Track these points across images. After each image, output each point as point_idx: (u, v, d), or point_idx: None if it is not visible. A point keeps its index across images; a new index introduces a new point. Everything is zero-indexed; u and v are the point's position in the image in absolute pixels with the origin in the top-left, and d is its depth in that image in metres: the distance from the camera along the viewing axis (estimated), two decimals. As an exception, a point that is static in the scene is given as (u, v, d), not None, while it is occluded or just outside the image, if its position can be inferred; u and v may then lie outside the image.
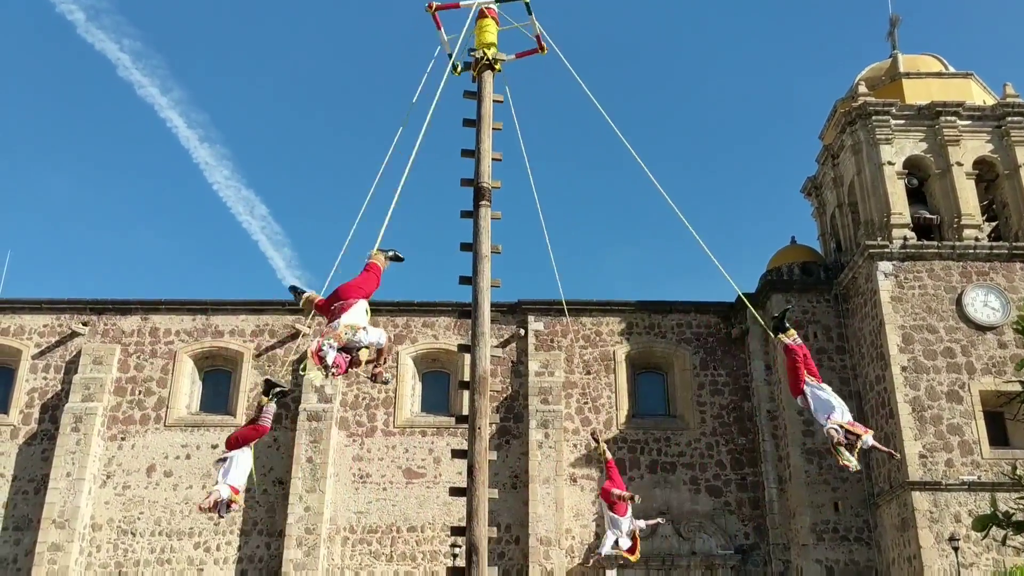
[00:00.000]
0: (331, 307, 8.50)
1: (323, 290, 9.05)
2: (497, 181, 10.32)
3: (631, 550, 15.62)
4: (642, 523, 15.98)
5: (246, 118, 73.37)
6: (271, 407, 10.30)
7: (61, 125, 70.76)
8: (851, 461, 9.15)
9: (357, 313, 8.41)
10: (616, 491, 15.59)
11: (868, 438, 9.27)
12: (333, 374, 8.13)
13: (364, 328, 8.30)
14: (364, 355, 8.30)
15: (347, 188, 70.26)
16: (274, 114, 73.40)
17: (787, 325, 10.05)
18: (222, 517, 10.75)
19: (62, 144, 70.79)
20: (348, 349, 8.18)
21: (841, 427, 9.31)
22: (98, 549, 28.27)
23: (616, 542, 15.50)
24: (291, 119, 72.85)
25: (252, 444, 10.45)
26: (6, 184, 68.17)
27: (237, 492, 10.32)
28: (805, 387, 9.80)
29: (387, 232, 9.39)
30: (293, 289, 9.27)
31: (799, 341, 10.14)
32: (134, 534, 28.51)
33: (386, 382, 8.93)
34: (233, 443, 10.45)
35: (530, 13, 11.04)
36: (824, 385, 9.82)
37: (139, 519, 28.64)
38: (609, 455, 16.37)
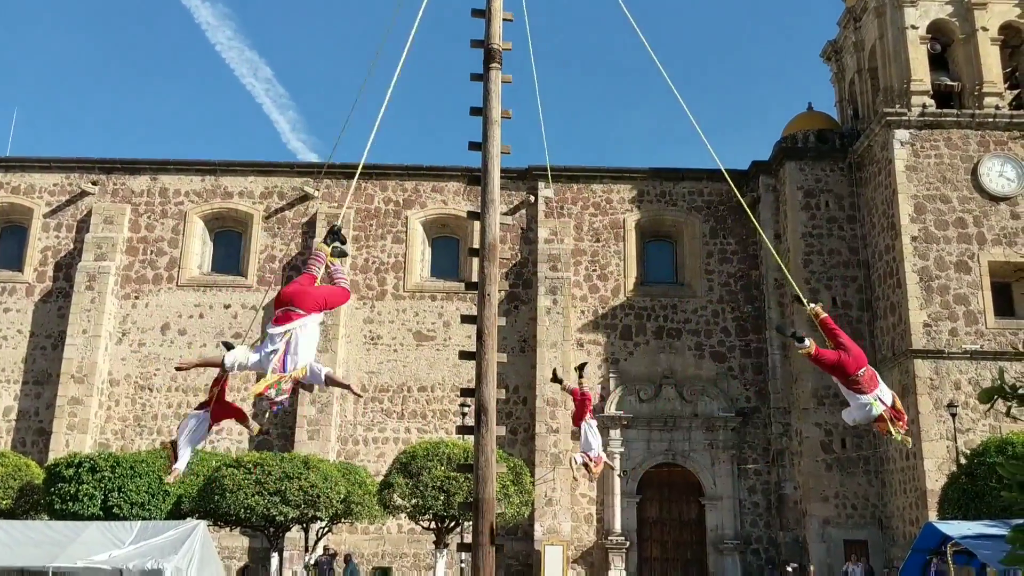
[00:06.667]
0: (282, 311, 7.41)
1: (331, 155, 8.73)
2: (508, 43, 10.01)
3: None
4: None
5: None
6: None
7: (60, -23, 68.74)
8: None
9: (312, 338, 7.47)
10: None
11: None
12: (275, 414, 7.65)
13: (311, 369, 7.36)
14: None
15: (353, 50, 68.73)
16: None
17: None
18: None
19: (63, 2, 68.97)
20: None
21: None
22: (116, 403, 29.12)
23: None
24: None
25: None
26: (10, 44, 66.85)
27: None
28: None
29: (397, 94, 9.21)
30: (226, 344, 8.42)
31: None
32: (151, 389, 29.30)
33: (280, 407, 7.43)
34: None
35: None
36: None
37: (155, 375, 29.38)
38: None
